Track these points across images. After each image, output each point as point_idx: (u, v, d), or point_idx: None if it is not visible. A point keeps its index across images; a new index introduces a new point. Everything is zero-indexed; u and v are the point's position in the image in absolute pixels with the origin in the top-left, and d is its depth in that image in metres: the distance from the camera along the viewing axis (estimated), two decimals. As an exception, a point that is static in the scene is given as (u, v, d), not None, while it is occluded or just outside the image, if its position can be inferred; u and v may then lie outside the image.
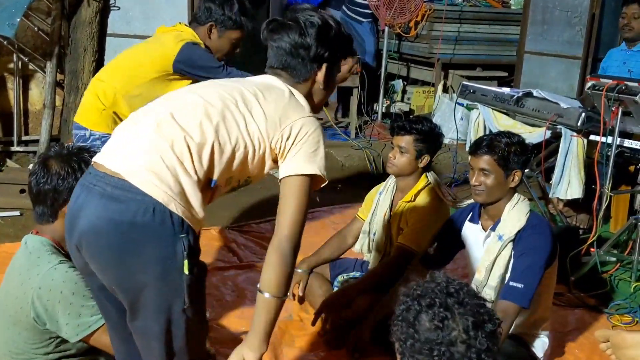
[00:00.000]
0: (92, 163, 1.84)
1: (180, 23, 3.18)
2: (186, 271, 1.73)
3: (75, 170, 2.06)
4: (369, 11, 6.50)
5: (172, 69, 3.02)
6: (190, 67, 3.02)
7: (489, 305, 1.42)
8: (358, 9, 6.66)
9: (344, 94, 6.65)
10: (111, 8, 4.94)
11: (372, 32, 6.81)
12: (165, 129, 1.79)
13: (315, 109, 2.02)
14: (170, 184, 1.73)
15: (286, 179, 1.86)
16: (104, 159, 1.79)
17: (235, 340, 2.85)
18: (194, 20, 3.13)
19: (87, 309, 1.97)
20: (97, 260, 1.76)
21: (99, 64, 4.99)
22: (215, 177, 1.82)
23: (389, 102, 6.86)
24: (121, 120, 2.94)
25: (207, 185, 1.82)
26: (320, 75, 1.99)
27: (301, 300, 3.14)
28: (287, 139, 1.85)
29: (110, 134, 2.80)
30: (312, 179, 1.87)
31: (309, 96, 2.01)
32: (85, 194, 1.76)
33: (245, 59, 4.10)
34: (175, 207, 1.72)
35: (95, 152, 1.97)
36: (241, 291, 3.44)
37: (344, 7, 6.78)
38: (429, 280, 1.43)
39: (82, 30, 4.83)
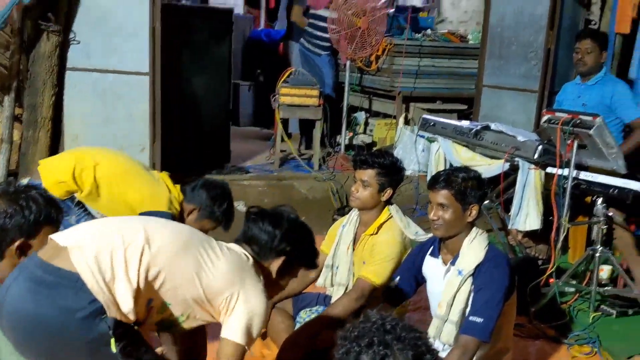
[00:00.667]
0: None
1: (180, 187, 3.20)
2: (114, 349, 1.78)
3: (23, 208, 2.02)
4: (328, 44, 6.58)
5: (139, 213, 3.03)
6: None
7: (425, 336, 1.46)
8: (317, 41, 6.73)
9: (307, 126, 6.69)
10: (71, 42, 4.90)
11: (331, 65, 6.88)
12: (130, 234, 1.89)
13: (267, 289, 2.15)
14: (106, 277, 1.80)
15: (225, 340, 2.03)
16: (57, 236, 1.88)
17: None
18: (183, 192, 3.16)
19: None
20: (19, 344, 1.80)
21: (58, 97, 4.94)
22: (152, 296, 1.90)
23: (351, 134, 6.91)
24: (79, 193, 3.07)
25: (143, 302, 1.89)
26: (275, 265, 2.19)
27: (263, 336, 3.11)
28: (233, 303, 2.00)
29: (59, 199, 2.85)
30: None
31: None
32: (16, 274, 1.82)
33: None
34: (102, 298, 1.78)
35: (41, 189, 2.01)
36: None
37: (302, 40, 6.84)
38: (364, 320, 1.46)
39: (41, 64, 4.78)
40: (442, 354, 2.55)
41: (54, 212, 2.06)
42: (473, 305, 2.55)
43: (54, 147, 4.99)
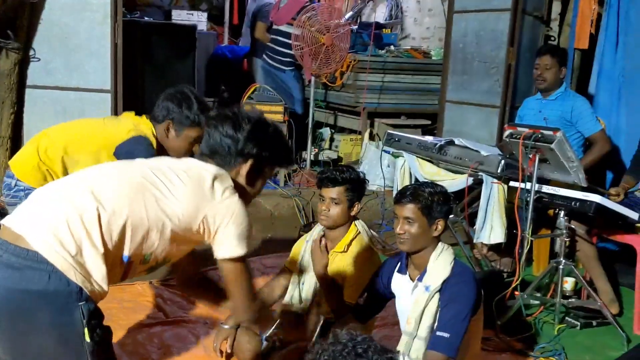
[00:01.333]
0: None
1: (146, 116, 3.15)
2: (87, 339, 1.71)
3: None
4: (291, 60, 6.59)
5: (113, 153, 3.01)
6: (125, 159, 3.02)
7: (397, 357, 1.44)
8: (280, 57, 6.73)
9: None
10: (31, 59, 4.82)
11: (297, 79, 6.88)
12: (79, 198, 1.79)
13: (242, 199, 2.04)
14: (71, 251, 1.71)
15: (223, 263, 1.96)
16: (11, 221, 1.78)
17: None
18: (152, 119, 3.11)
19: None
20: None
21: (18, 116, 4.85)
22: (126, 253, 1.82)
23: (317, 150, 6.91)
24: (52, 178, 2.97)
25: (118, 261, 1.81)
26: (244, 169, 2.06)
27: (229, 356, 3.06)
28: (213, 223, 1.91)
29: (35, 188, 2.78)
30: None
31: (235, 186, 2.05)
32: None
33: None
34: (75, 276, 1.71)
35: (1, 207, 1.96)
36: (167, 348, 3.34)
37: (264, 56, 6.83)
38: (334, 342, 1.42)
39: (0, 82, 4.69)
40: (412, 370, 2.55)
41: None
42: (440, 320, 2.55)
43: (13, 166, 4.89)
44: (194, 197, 1.90)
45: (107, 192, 1.81)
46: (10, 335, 1.72)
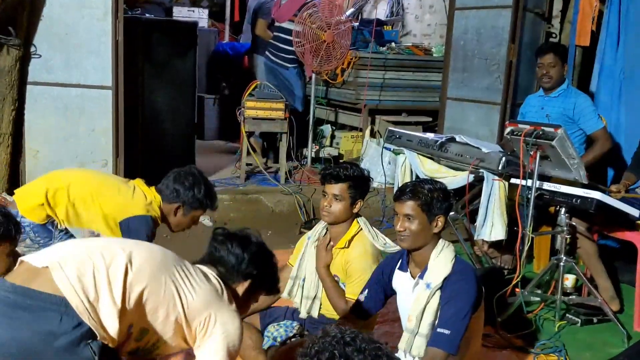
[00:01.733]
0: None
1: (155, 189, 3.23)
2: None
3: None
4: (294, 57, 6.59)
5: (119, 221, 3.08)
6: (127, 234, 3.05)
7: (385, 347, 1.46)
8: (283, 54, 6.73)
9: (273, 139, 6.68)
10: (32, 56, 4.82)
11: (300, 77, 6.88)
12: (108, 252, 1.85)
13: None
14: (90, 296, 1.75)
15: None
16: (31, 258, 1.82)
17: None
18: (161, 194, 3.20)
19: None
20: None
21: (19, 112, 4.85)
22: (132, 322, 1.86)
23: (318, 147, 6.92)
24: (56, 216, 3.07)
25: (126, 327, 1.85)
26: (241, 288, 2.17)
27: (230, 352, 3.07)
28: (207, 327, 1.98)
29: (39, 224, 2.87)
30: None
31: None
32: None
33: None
34: (88, 320, 1.73)
35: (3, 207, 1.96)
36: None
37: (267, 53, 6.83)
38: (323, 335, 1.45)
39: (0, 78, 4.69)
40: (413, 367, 2.55)
41: (12, 228, 2.03)
42: (441, 317, 2.55)
43: (14, 163, 4.90)
44: (208, 294, 1.99)
45: (137, 257, 1.89)
46: None
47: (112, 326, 1.78)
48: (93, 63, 4.92)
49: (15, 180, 4.86)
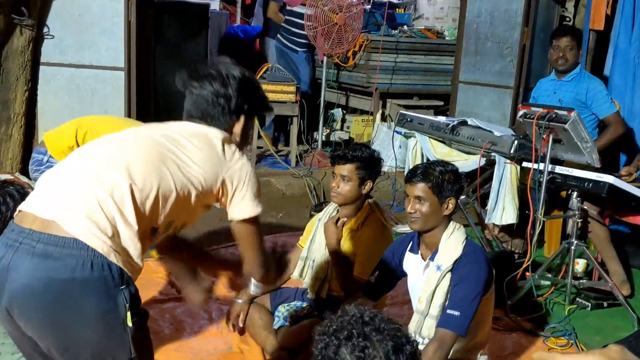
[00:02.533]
0: (15, 214, 1.77)
1: None
2: (130, 324, 1.70)
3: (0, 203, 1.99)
4: (305, 41, 6.58)
5: None
6: None
7: (403, 328, 1.45)
8: (294, 38, 6.71)
9: (284, 122, 6.68)
10: (45, 37, 4.84)
11: (308, 62, 6.87)
12: (104, 175, 1.75)
13: None
14: (108, 233, 1.69)
15: (237, 223, 1.98)
16: (34, 207, 1.72)
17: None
18: None
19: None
20: (33, 323, 1.69)
21: (32, 93, 4.87)
22: (156, 225, 1.82)
23: (328, 130, 6.92)
24: None
25: (148, 233, 1.81)
26: (238, 127, 2.06)
27: (242, 331, 3.10)
28: (231, 185, 1.93)
29: None
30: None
31: None
32: (11, 253, 1.67)
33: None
34: (115, 258, 1.68)
35: (22, 186, 1.93)
36: (179, 324, 3.38)
37: (279, 36, 6.82)
38: (342, 314, 1.44)
39: (14, 59, 4.71)
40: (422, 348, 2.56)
41: None
42: (451, 299, 2.55)
43: (28, 143, 4.93)
44: (211, 162, 1.90)
45: (136, 166, 1.78)
46: (54, 328, 1.68)
47: (136, 249, 1.74)
48: (106, 44, 4.93)
49: (28, 160, 4.88)
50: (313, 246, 3.20)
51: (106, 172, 1.75)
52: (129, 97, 5.02)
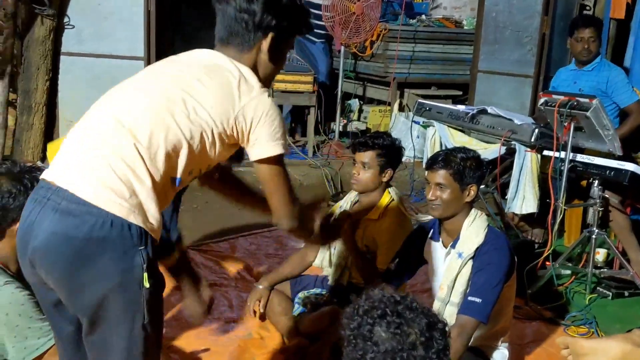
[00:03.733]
0: (41, 178, 1.77)
1: None
2: (146, 284, 1.69)
3: (27, 188, 2.00)
4: (323, 32, 6.56)
5: None
6: None
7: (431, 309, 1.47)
8: None
9: (301, 113, 6.68)
10: (65, 27, 4.87)
11: (325, 52, 6.85)
12: (112, 139, 1.73)
13: (263, 83, 1.92)
14: (126, 196, 1.68)
15: (258, 164, 1.85)
16: (54, 176, 1.73)
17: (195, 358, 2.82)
18: None
19: (34, 331, 1.92)
20: (53, 276, 1.71)
21: (52, 83, 4.91)
22: (178, 175, 1.78)
23: (345, 121, 6.91)
24: None
25: (168, 185, 1.78)
26: (265, 44, 1.91)
27: (262, 317, 3.11)
28: (245, 123, 1.81)
29: None
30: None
31: (254, 68, 1.91)
32: (38, 209, 1.70)
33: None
34: (135, 219, 1.68)
35: None
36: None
37: None
38: (369, 296, 1.44)
39: (35, 49, 4.75)
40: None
41: None
42: (472, 285, 2.55)
43: (49, 132, 4.98)
44: (222, 103, 1.80)
45: (140, 124, 1.74)
46: (70, 284, 1.69)
47: (153, 204, 1.72)
48: (125, 33, 4.95)
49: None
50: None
51: (113, 136, 1.73)
52: (148, 87, 5.04)
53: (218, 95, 1.80)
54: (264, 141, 1.83)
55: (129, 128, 1.73)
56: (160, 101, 1.77)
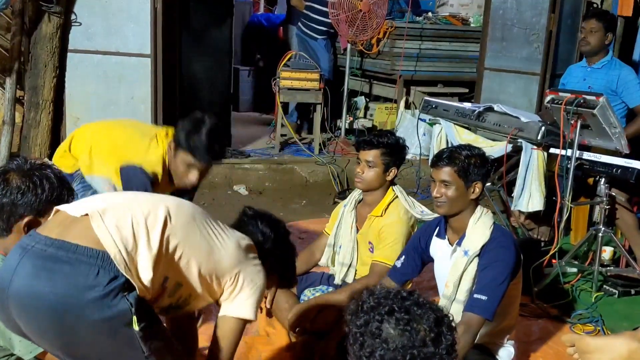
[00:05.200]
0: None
1: (168, 135, 2.93)
2: (136, 327, 1.72)
3: (36, 185, 2.01)
4: (324, 28, 6.57)
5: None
6: (125, 182, 2.89)
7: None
8: (314, 25, 6.70)
9: (307, 110, 6.68)
10: (72, 24, 4.88)
11: (327, 49, 6.85)
12: (149, 205, 1.87)
13: None
14: (128, 247, 1.75)
15: (230, 320, 2.05)
16: (68, 207, 1.83)
17: (200, 357, 2.82)
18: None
19: None
20: (33, 326, 1.73)
21: (60, 79, 4.93)
22: (168, 274, 1.87)
23: (351, 118, 6.91)
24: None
25: (161, 278, 1.85)
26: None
27: (269, 313, 3.12)
28: (242, 280, 2.02)
29: (68, 173, 2.80)
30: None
31: None
32: (21, 255, 1.73)
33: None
34: (124, 270, 1.72)
35: (60, 171, 1.99)
36: (205, 307, 3.40)
37: (299, 24, 6.82)
38: (372, 293, 1.44)
39: (42, 46, 4.77)
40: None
41: (65, 193, 2.04)
42: (478, 283, 2.55)
43: (56, 129, 4.99)
44: (235, 252, 2.01)
45: (176, 212, 1.90)
46: (61, 332, 1.71)
47: (147, 273, 1.78)
48: (132, 30, 4.96)
49: (56, 146, 4.94)
50: (340, 232, 3.21)
51: (148, 203, 1.90)
52: (155, 84, 5.06)
53: (234, 246, 2.06)
54: (249, 303, 2.06)
55: (168, 208, 1.89)
56: (199, 217, 1.99)
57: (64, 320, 1.68)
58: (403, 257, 2.94)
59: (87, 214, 1.77)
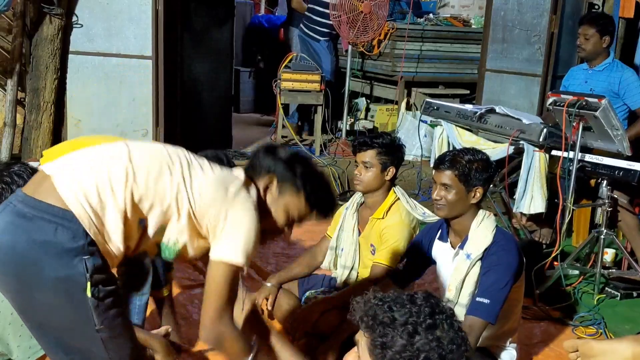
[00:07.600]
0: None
1: None
2: (88, 294, 1.69)
3: (9, 184, 2.05)
4: (327, 30, 6.57)
5: None
6: None
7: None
8: (316, 27, 6.70)
9: (308, 112, 6.68)
10: (74, 25, 4.88)
11: (330, 50, 6.85)
12: (111, 159, 1.80)
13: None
14: (92, 202, 1.72)
15: (215, 264, 1.83)
16: (46, 166, 1.81)
17: (202, 358, 2.83)
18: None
19: None
20: (2, 280, 1.74)
21: (61, 81, 4.93)
22: (144, 217, 1.81)
23: (352, 119, 6.91)
24: None
25: (135, 224, 1.80)
26: (261, 184, 2.00)
27: (270, 315, 3.11)
28: (225, 219, 1.83)
29: None
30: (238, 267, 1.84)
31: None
32: (1, 210, 1.76)
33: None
34: (89, 225, 1.70)
35: (26, 164, 1.98)
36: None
37: (301, 25, 6.82)
38: (376, 296, 1.43)
39: (43, 47, 4.76)
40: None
41: None
42: (480, 286, 2.54)
43: (57, 131, 4.99)
44: (215, 189, 1.85)
45: (141, 160, 1.81)
46: (17, 287, 1.72)
47: (118, 228, 1.74)
48: (134, 32, 4.96)
49: (57, 148, 4.95)
50: (342, 235, 3.20)
51: (111, 155, 1.82)
52: (156, 85, 5.05)
53: (214, 184, 1.87)
54: (232, 244, 1.82)
55: (130, 158, 1.81)
56: (168, 158, 1.86)
57: (24, 276, 1.68)
58: (405, 260, 2.94)
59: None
